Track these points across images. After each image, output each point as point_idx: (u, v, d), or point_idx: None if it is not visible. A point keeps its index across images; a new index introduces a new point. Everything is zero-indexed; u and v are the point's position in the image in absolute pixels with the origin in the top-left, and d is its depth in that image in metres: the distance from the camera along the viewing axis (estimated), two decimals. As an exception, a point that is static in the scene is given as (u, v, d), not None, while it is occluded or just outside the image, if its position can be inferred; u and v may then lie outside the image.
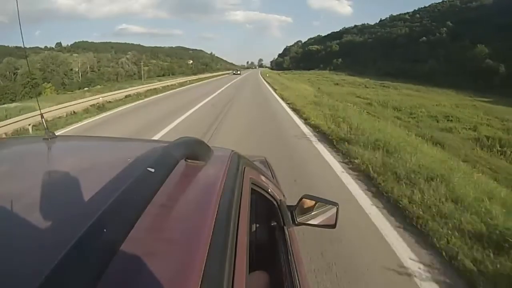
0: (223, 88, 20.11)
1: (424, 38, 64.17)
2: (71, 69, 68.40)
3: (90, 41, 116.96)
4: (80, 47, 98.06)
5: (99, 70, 73.64)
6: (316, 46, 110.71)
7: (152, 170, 0.41)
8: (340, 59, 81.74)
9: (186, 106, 10.47)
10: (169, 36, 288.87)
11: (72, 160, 0.71)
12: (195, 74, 55.07)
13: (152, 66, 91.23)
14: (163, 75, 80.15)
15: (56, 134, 0.82)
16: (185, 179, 0.59)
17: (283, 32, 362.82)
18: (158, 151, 0.47)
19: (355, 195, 3.20)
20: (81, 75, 69.82)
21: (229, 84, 25.05)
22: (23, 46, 0.90)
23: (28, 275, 0.31)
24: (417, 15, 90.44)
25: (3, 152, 0.79)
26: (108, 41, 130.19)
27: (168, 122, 7.60)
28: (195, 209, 0.51)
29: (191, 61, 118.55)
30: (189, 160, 0.63)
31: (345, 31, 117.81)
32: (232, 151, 0.83)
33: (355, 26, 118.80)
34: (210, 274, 0.37)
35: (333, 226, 1.13)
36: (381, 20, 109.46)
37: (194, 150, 0.63)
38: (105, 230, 0.30)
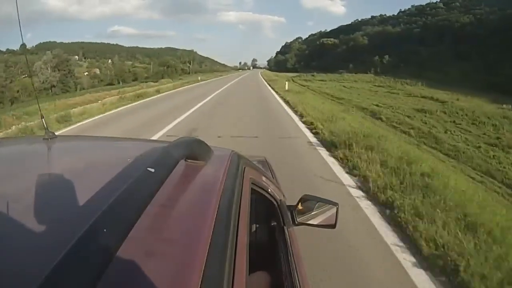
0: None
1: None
2: None
3: (58, 41, 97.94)
4: (44, 48, 75.70)
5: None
6: (332, 39, 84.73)
7: (152, 170, 0.40)
8: (387, 57, 55.34)
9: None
10: (161, 37, 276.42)
11: (72, 160, 0.70)
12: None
13: (104, 70, 63.46)
14: (116, 83, 53.47)
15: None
16: (185, 179, 0.59)
17: (276, 33, 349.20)
18: (158, 151, 0.47)
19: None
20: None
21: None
22: (23, 47, 0.72)
23: (28, 275, 0.31)
24: (456, 3, 66.87)
25: (3, 152, 0.79)
26: (80, 40, 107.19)
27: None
28: (195, 209, 0.51)
29: (182, 64, 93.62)
30: (189, 160, 0.62)
31: (362, 22, 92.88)
32: (232, 151, 0.82)
33: (373, 17, 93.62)
34: (210, 274, 0.37)
35: (333, 226, 1.13)
36: (401, 11, 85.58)
37: (194, 150, 0.62)
38: (105, 230, 0.30)
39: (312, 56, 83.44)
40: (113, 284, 0.31)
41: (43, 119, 0.85)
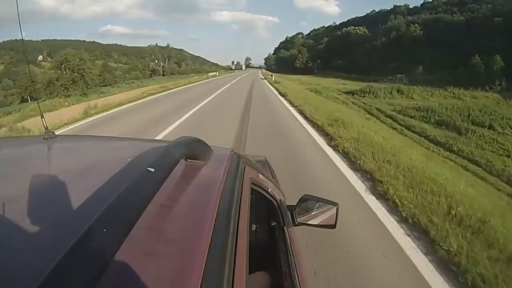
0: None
1: None
2: None
3: (27, 39, 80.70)
4: (7, 48, 65.77)
5: None
6: (361, 27, 63.84)
7: (152, 170, 0.40)
8: (498, 58, 34.34)
9: None
10: (155, 37, 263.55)
11: (72, 160, 0.71)
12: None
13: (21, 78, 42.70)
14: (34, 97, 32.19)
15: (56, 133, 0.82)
16: (185, 179, 0.59)
17: (270, 32, 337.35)
18: (158, 151, 0.47)
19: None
20: None
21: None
22: (22, 47, 0.96)
23: (28, 275, 0.31)
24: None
25: (3, 152, 0.79)
26: (49, 38, 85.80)
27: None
28: (195, 209, 0.51)
29: (152, 62, 72.54)
30: (189, 160, 0.62)
31: (380, 13, 73.47)
32: (232, 150, 0.82)
33: (396, 6, 73.31)
34: (210, 274, 0.37)
35: (333, 226, 1.13)
36: (425, 2, 66.99)
37: (194, 150, 0.62)
38: (105, 230, 0.30)
39: (332, 52, 61.56)
40: (113, 284, 0.31)
41: (43, 119, 0.84)
